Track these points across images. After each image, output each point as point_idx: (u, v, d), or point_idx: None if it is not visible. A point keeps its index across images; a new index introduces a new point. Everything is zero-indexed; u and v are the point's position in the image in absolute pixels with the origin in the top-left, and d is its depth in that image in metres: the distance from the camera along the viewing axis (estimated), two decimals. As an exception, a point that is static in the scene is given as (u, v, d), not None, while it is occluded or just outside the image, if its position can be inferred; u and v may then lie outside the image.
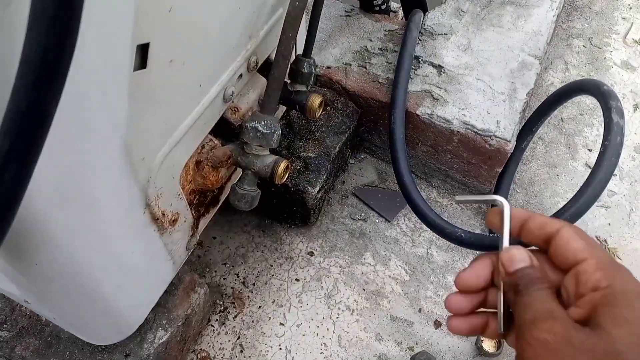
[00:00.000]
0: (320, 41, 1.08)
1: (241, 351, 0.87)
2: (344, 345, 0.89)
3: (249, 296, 0.93)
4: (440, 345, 0.90)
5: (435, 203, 1.07)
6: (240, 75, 0.63)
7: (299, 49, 0.72)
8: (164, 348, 0.71)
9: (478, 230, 1.05)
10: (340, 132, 0.96)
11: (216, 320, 0.90)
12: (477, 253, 1.02)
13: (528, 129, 1.04)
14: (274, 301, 0.93)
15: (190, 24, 0.48)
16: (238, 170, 0.73)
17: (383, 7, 1.13)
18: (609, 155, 0.80)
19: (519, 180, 1.12)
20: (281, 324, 0.91)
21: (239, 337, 0.89)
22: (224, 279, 0.95)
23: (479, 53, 1.05)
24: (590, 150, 1.19)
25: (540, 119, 1.03)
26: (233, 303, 0.92)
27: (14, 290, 0.52)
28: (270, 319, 0.91)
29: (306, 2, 0.60)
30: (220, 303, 0.92)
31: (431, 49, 1.05)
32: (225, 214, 0.76)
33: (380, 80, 1.01)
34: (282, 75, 0.61)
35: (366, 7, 1.14)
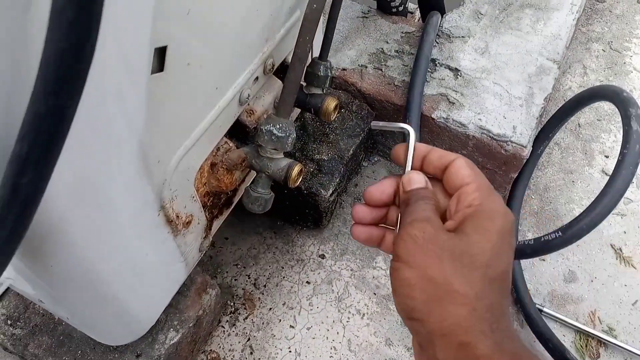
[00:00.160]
0: (336, 42, 1.08)
1: (251, 353, 0.87)
2: (353, 349, 0.89)
3: (259, 298, 0.93)
4: (452, 352, 0.89)
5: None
6: (257, 77, 0.63)
7: (315, 51, 0.71)
8: (174, 349, 0.71)
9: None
10: (355, 135, 0.95)
11: (227, 321, 0.90)
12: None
13: (545, 134, 1.03)
14: (284, 303, 0.92)
15: (208, 27, 0.48)
16: (252, 172, 0.72)
17: (400, 9, 1.12)
18: (627, 164, 0.78)
19: (533, 186, 1.11)
20: (291, 327, 0.90)
21: (249, 339, 0.88)
22: (235, 280, 0.95)
23: (497, 57, 1.04)
24: (607, 156, 1.17)
25: (557, 125, 1.01)
26: (244, 304, 0.92)
27: (29, 290, 0.53)
28: (280, 321, 0.91)
29: (324, 5, 0.59)
30: (231, 304, 0.92)
31: (448, 52, 1.04)
32: (237, 215, 0.76)
33: (396, 83, 1.00)
34: (299, 78, 0.60)
35: (383, 9, 1.13)
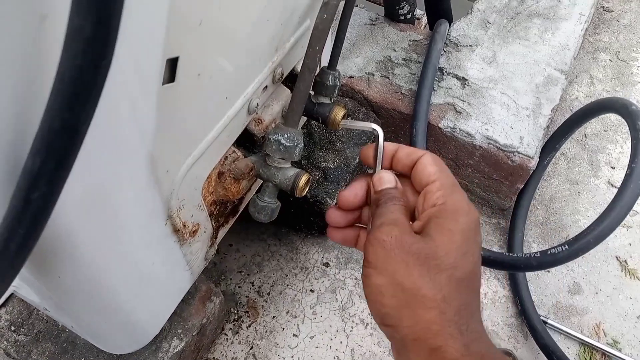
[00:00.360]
0: (344, 50, 1.07)
1: (254, 361, 0.87)
2: (357, 359, 0.88)
3: (263, 305, 0.92)
4: (455, 363, 0.88)
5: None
6: (266, 87, 0.63)
7: (324, 60, 0.71)
8: (178, 357, 0.70)
9: (496, 248, 1.03)
10: (361, 143, 0.95)
11: (230, 329, 0.89)
12: (492, 271, 1.01)
13: (551, 145, 1.02)
14: (288, 312, 0.92)
15: (219, 37, 0.48)
16: (258, 181, 0.72)
17: (408, 17, 1.12)
18: (635, 178, 0.78)
19: (539, 197, 1.10)
20: (294, 335, 0.90)
21: (252, 347, 0.88)
22: (239, 287, 0.94)
23: (504, 66, 1.03)
24: (613, 167, 1.16)
25: (564, 136, 1.01)
26: (247, 312, 0.91)
27: (34, 298, 0.52)
28: (283, 329, 0.90)
29: (334, 16, 0.59)
30: (235, 312, 0.91)
31: (455, 61, 1.04)
32: (242, 222, 0.75)
33: (403, 92, 1.00)
34: (307, 88, 0.60)
35: (391, 16, 1.13)
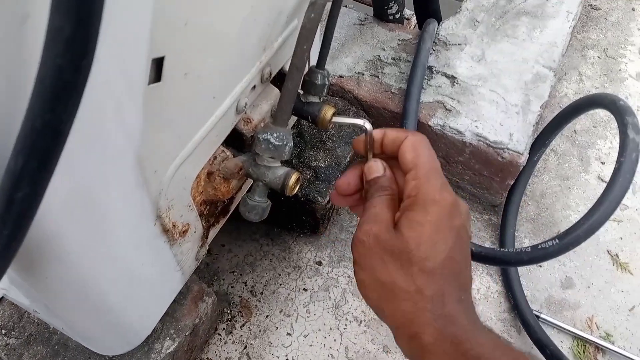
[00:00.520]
0: (333, 50, 1.08)
1: (248, 361, 0.87)
2: (351, 356, 0.88)
3: (256, 305, 0.93)
4: (449, 359, 0.89)
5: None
6: (254, 86, 0.63)
7: (313, 59, 0.71)
8: (171, 358, 0.71)
9: (488, 244, 1.04)
10: (352, 142, 0.95)
11: (223, 329, 0.90)
12: (485, 267, 1.01)
13: (541, 141, 1.03)
14: (281, 311, 0.92)
15: (205, 37, 0.48)
16: (248, 180, 0.72)
17: (397, 16, 1.13)
18: (623, 172, 0.79)
19: (530, 193, 1.11)
20: (288, 334, 0.90)
21: (245, 347, 0.88)
22: (231, 287, 0.94)
23: (493, 64, 1.04)
24: (603, 163, 1.17)
25: (553, 132, 1.02)
26: (240, 312, 0.91)
27: (24, 301, 0.52)
28: (277, 328, 0.90)
29: (321, 15, 0.59)
30: (228, 312, 0.91)
31: (444, 60, 1.05)
32: (233, 222, 0.75)
33: (393, 90, 1.01)
34: (296, 87, 0.60)
35: (380, 16, 1.13)
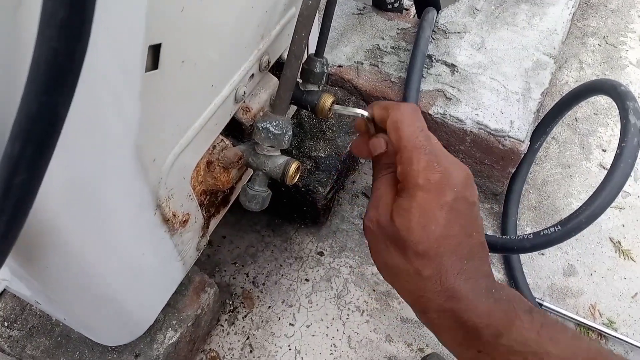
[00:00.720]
0: (332, 39, 1.07)
1: (250, 351, 0.87)
2: (353, 346, 0.89)
3: (258, 296, 0.93)
4: (451, 348, 0.89)
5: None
6: (252, 75, 0.62)
7: (311, 48, 0.71)
8: (173, 348, 0.71)
9: (490, 232, 1.04)
10: (351, 132, 0.95)
11: (225, 320, 0.90)
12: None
13: (542, 129, 1.03)
14: (283, 301, 0.92)
15: (202, 24, 0.48)
16: (249, 170, 0.72)
17: (396, 5, 1.12)
18: (625, 157, 0.78)
19: (531, 181, 1.11)
20: (291, 325, 0.90)
21: (248, 337, 0.88)
22: (233, 278, 0.94)
23: (493, 52, 1.03)
24: (604, 150, 1.17)
25: (554, 119, 1.01)
26: (242, 303, 0.92)
27: (25, 291, 0.52)
28: (279, 319, 0.90)
29: (319, 2, 0.59)
30: (230, 303, 0.91)
31: (444, 48, 1.04)
32: (235, 213, 0.75)
33: (393, 80, 1.00)
34: (294, 75, 0.60)
35: (379, 5, 1.13)
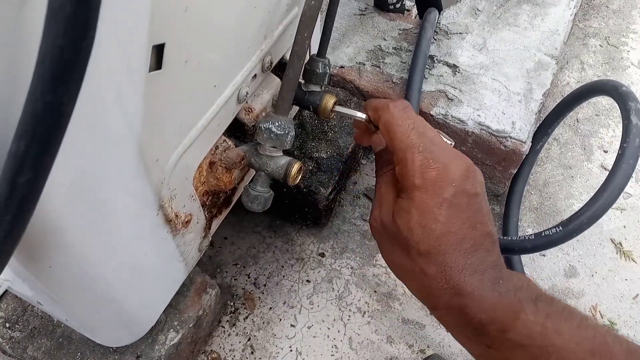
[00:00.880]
0: (334, 40, 1.07)
1: (252, 352, 0.87)
2: (354, 347, 0.88)
3: (259, 297, 0.92)
4: (452, 348, 0.89)
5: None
6: (255, 75, 0.62)
7: (314, 48, 0.71)
8: (175, 350, 0.70)
9: (492, 233, 1.03)
10: (353, 133, 0.95)
11: (227, 321, 0.89)
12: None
13: (543, 130, 1.03)
14: (284, 302, 0.92)
15: (206, 24, 0.48)
16: (251, 171, 0.72)
17: (397, 6, 1.12)
18: (627, 158, 0.78)
19: (533, 182, 1.11)
20: (292, 326, 0.90)
21: (249, 339, 0.88)
22: (234, 279, 0.94)
23: (495, 52, 1.03)
24: (605, 151, 1.17)
25: (556, 120, 1.01)
26: (244, 304, 0.91)
27: (27, 292, 0.52)
28: (281, 320, 0.90)
29: (322, 2, 0.59)
30: (231, 304, 0.91)
31: (446, 49, 1.04)
32: (236, 214, 0.75)
33: (394, 80, 1.00)
34: (297, 75, 0.60)
35: (380, 6, 1.13)
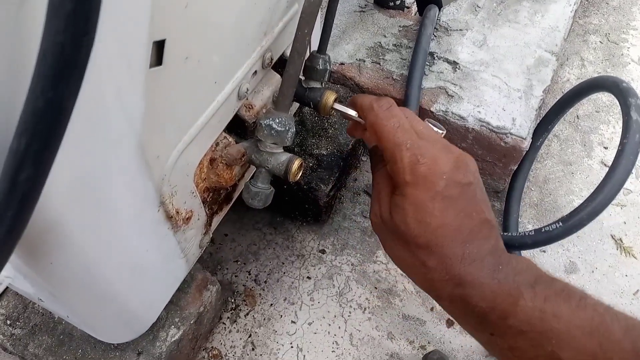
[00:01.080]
0: (334, 37, 1.07)
1: (252, 349, 0.87)
2: (355, 343, 0.88)
3: (260, 294, 0.93)
4: (453, 345, 0.89)
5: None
6: (255, 72, 0.62)
7: (314, 45, 0.71)
8: (176, 346, 0.71)
9: (492, 229, 1.04)
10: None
11: (228, 318, 0.90)
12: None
13: (544, 126, 1.03)
14: (285, 299, 0.92)
15: (206, 20, 0.48)
16: (251, 167, 0.72)
17: (397, 3, 1.12)
18: (627, 154, 0.78)
19: (533, 178, 1.11)
20: (293, 322, 0.90)
21: (250, 335, 0.88)
22: (235, 276, 0.94)
23: (495, 49, 1.03)
24: (606, 148, 1.17)
25: (556, 117, 1.01)
26: (244, 301, 0.91)
27: (28, 289, 0.52)
28: (281, 316, 0.90)
29: (322, -2, 0.59)
30: (232, 301, 0.91)
31: (446, 45, 1.04)
32: (237, 211, 0.75)
33: (394, 77, 1.00)
34: (297, 72, 0.60)
35: (380, 3, 1.13)
